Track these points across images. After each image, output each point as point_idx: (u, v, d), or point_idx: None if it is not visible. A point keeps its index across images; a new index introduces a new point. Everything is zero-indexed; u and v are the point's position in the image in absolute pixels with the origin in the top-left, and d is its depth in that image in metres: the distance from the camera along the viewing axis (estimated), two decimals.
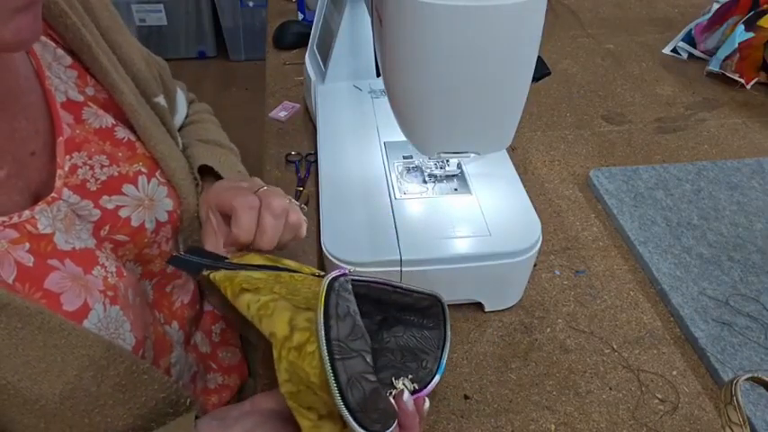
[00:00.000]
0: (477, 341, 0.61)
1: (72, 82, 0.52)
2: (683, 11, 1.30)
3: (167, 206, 0.57)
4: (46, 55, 0.50)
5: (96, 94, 0.54)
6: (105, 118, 0.53)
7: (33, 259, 0.44)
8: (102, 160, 0.52)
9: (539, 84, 1.05)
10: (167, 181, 0.57)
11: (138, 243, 0.54)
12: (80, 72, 0.53)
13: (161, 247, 0.57)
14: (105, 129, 0.53)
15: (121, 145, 0.54)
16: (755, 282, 0.66)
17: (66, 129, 0.50)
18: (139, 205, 0.54)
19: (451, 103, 0.53)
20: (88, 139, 0.51)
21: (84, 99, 0.52)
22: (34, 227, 0.45)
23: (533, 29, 0.49)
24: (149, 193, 0.55)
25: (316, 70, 0.89)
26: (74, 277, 0.46)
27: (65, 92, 0.51)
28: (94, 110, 0.53)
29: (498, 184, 0.67)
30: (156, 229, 0.55)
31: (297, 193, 0.78)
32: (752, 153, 0.89)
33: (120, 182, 0.53)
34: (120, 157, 0.54)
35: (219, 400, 0.67)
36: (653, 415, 0.55)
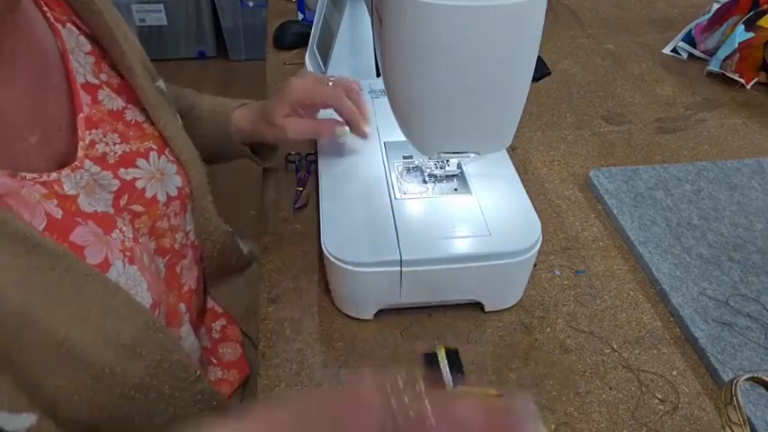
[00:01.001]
0: (477, 341, 0.61)
1: (89, 67, 0.57)
2: (683, 11, 1.30)
3: (177, 182, 0.61)
4: (70, 40, 0.55)
5: (110, 79, 0.59)
6: (117, 101, 0.58)
7: (62, 213, 0.48)
8: (114, 138, 0.56)
9: (539, 84, 1.05)
10: (176, 159, 0.61)
11: (151, 215, 0.58)
12: (97, 58, 0.58)
13: (170, 221, 0.60)
14: (117, 111, 0.58)
15: (131, 126, 0.58)
16: (755, 282, 0.66)
17: (85, 107, 0.54)
18: (152, 178, 0.58)
19: (452, 103, 0.54)
20: (103, 118, 0.56)
21: (99, 82, 0.57)
22: (60, 188, 0.49)
23: (533, 29, 0.49)
24: (160, 167, 0.59)
25: (316, 70, 0.89)
26: (96, 234, 0.49)
27: (84, 75, 0.55)
28: (108, 92, 0.57)
29: (498, 184, 0.67)
30: (166, 202, 0.59)
31: (297, 193, 0.78)
32: (752, 153, 0.89)
33: (134, 156, 0.57)
34: (130, 136, 0.58)
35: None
36: (653, 415, 0.55)
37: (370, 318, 0.63)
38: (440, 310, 0.64)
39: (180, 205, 0.61)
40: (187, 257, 0.64)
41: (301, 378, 0.57)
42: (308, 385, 0.57)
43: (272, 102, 0.71)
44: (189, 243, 0.65)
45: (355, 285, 0.60)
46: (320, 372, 0.58)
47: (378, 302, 0.62)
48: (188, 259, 0.65)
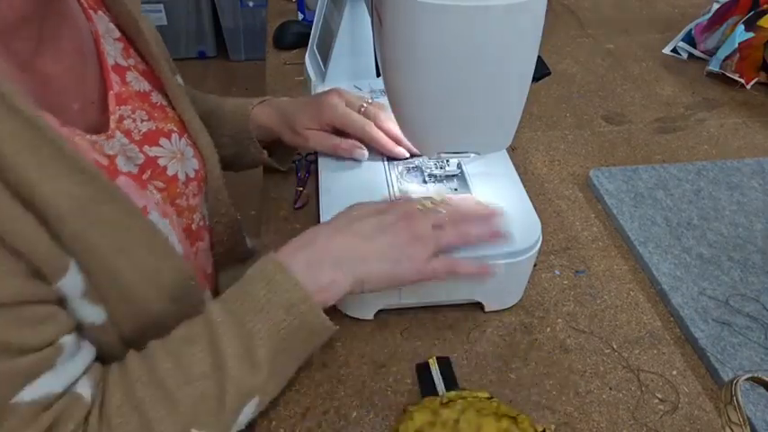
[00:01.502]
0: (477, 341, 0.61)
1: (119, 51, 0.61)
2: (683, 11, 1.30)
3: (194, 165, 0.65)
4: (101, 25, 0.59)
5: (136, 64, 0.62)
6: (144, 83, 0.62)
7: (107, 162, 0.53)
8: (142, 115, 0.60)
9: (539, 84, 1.05)
10: (193, 143, 0.65)
11: (171, 192, 0.61)
12: (125, 45, 0.62)
13: (188, 201, 0.63)
14: (143, 92, 0.61)
15: (156, 107, 0.62)
16: (755, 282, 0.66)
17: (115, 86, 0.58)
18: (173, 157, 0.61)
19: (451, 103, 0.54)
20: (131, 97, 0.59)
21: (128, 65, 0.61)
22: (101, 148, 0.53)
23: (533, 29, 0.49)
24: (180, 148, 0.63)
25: (316, 70, 0.89)
26: (135, 186, 0.55)
27: (114, 57, 0.59)
28: (135, 75, 0.61)
29: (498, 184, 0.67)
30: (185, 182, 0.63)
31: (297, 193, 0.78)
32: (752, 153, 0.89)
33: (158, 135, 0.60)
34: (155, 116, 0.61)
35: None
36: (653, 415, 0.55)
37: (370, 318, 0.63)
38: (440, 310, 0.64)
39: (197, 187, 0.65)
40: (204, 240, 0.67)
41: (301, 378, 0.57)
42: (308, 386, 0.57)
43: (298, 108, 0.73)
44: (204, 226, 0.67)
45: None
46: (320, 372, 0.58)
47: (378, 302, 0.62)
48: (205, 242, 0.67)
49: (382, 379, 0.58)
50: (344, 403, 0.56)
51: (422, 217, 0.56)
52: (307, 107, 0.72)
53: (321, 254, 0.52)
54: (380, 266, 0.54)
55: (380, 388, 0.57)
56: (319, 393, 0.56)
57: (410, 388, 0.57)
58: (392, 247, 0.54)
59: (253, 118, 0.76)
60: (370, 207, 0.57)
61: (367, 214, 0.56)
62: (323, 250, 0.52)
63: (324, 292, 0.51)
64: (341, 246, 0.53)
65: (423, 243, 0.54)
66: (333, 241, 0.53)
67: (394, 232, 0.54)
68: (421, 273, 0.54)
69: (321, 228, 0.55)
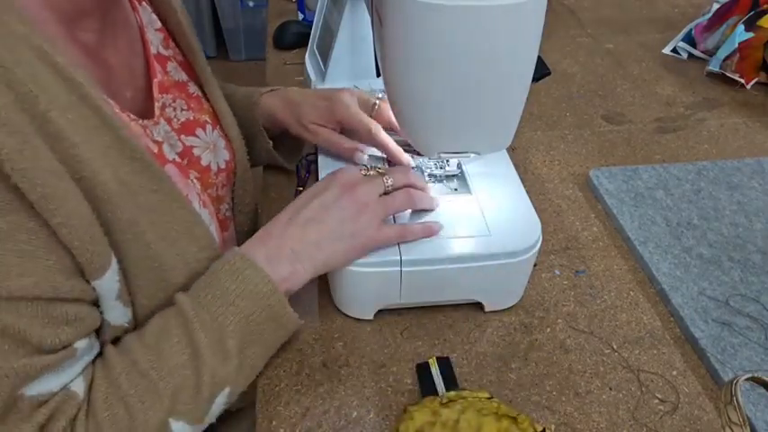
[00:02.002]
0: (477, 341, 0.61)
1: (160, 41, 0.63)
2: (683, 11, 1.30)
3: (225, 156, 0.67)
4: (144, 15, 0.62)
5: (175, 55, 0.64)
6: (182, 74, 0.64)
7: (157, 149, 0.54)
8: (181, 104, 0.62)
9: (539, 84, 1.05)
10: (224, 135, 0.67)
11: (204, 181, 0.62)
12: (165, 36, 0.64)
13: (218, 191, 0.66)
14: (182, 82, 0.64)
15: (192, 98, 0.64)
16: (755, 282, 0.66)
17: (158, 74, 0.60)
18: (207, 148, 0.64)
19: (451, 103, 0.54)
20: (172, 86, 0.62)
21: (168, 55, 0.63)
22: (151, 133, 0.55)
23: (533, 29, 0.49)
24: (213, 139, 0.65)
25: (316, 70, 0.89)
26: (179, 175, 0.56)
27: (156, 46, 0.62)
28: (175, 65, 0.63)
29: (498, 184, 0.67)
30: (217, 172, 0.65)
31: (297, 193, 0.78)
32: (752, 153, 0.89)
33: (194, 125, 0.63)
34: (192, 106, 0.63)
35: None
36: (653, 415, 0.55)
37: (370, 318, 0.63)
38: (440, 310, 0.64)
39: (226, 177, 0.67)
40: (228, 230, 0.68)
41: (301, 378, 0.57)
42: (308, 385, 0.57)
43: (309, 102, 0.72)
44: (231, 216, 0.69)
45: (355, 285, 0.60)
46: (320, 372, 0.58)
47: (378, 302, 0.62)
48: (229, 232, 0.69)
49: (382, 379, 0.58)
50: (344, 403, 0.56)
51: (364, 184, 0.57)
52: (318, 102, 0.71)
53: (278, 247, 0.54)
54: (335, 246, 0.55)
55: (380, 388, 0.57)
56: (319, 393, 0.56)
57: (410, 388, 0.57)
58: (341, 222, 0.55)
59: (261, 106, 0.76)
60: (312, 189, 0.58)
61: (311, 197, 0.57)
62: (279, 244, 0.54)
63: (285, 282, 0.53)
64: (293, 236, 0.55)
65: (371, 211, 0.56)
66: (286, 233, 0.55)
67: (339, 207, 0.56)
68: (375, 241, 0.57)
69: (274, 222, 0.56)
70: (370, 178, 0.59)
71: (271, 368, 0.58)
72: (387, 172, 0.60)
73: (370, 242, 0.56)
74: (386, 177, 0.59)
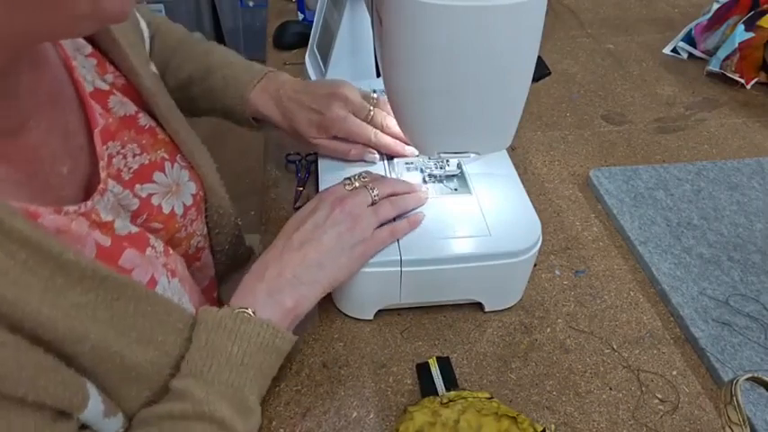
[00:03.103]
0: (477, 341, 0.61)
1: (93, 71, 0.54)
2: (683, 11, 1.30)
3: (191, 189, 0.60)
4: (68, 45, 0.52)
5: (115, 80, 0.56)
6: (128, 105, 0.55)
7: (109, 240, 0.47)
8: (134, 149, 0.54)
9: (539, 84, 1.05)
10: (188, 163, 0.61)
11: (169, 229, 0.57)
12: (99, 60, 0.55)
13: (187, 230, 0.60)
14: (129, 116, 0.55)
15: (144, 132, 0.56)
16: (755, 282, 0.66)
17: (99, 119, 0.51)
18: (168, 192, 0.57)
19: (451, 103, 0.54)
20: (118, 128, 0.53)
21: (109, 87, 0.54)
22: (98, 216, 0.47)
23: (533, 29, 0.49)
24: (174, 177, 0.58)
25: (316, 70, 0.89)
26: (138, 255, 0.49)
27: (92, 81, 0.53)
28: (119, 97, 0.55)
29: (498, 184, 0.67)
30: (183, 214, 0.59)
31: (297, 193, 0.78)
32: (752, 153, 0.89)
33: (150, 170, 0.55)
34: (144, 144, 0.56)
35: None
36: (653, 415, 0.55)
37: (370, 318, 0.63)
38: (440, 310, 0.64)
39: (196, 211, 0.61)
40: (201, 259, 0.65)
41: (301, 378, 0.57)
42: (308, 385, 0.57)
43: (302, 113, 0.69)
44: (205, 244, 0.65)
45: (355, 285, 0.60)
46: (320, 372, 0.58)
47: (378, 302, 0.62)
48: (202, 261, 0.65)
49: (382, 379, 0.58)
50: (344, 403, 0.56)
51: (354, 197, 0.58)
52: (312, 116, 0.69)
53: (277, 277, 0.53)
54: (338, 262, 0.55)
55: (380, 388, 0.57)
56: (319, 393, 0.56)
57: (410, 388, 0.57)
58: (339, 238, 0.55)
59: (251, 103, 0.72)
60: (300, 213, 0.58)
61: (301, 221, 0.57)
62: (278, 273, 0.53)
63: (292, 312, 0.52)
64: (292, 261, 0.53)
65: (364, 221, 0.57)
66: (283, 263, 0.53)
67: (333, 223, 0.56)
68: (372, 247, 0.57)
69: (266, 257, 0.55)
70: (357, 191, 0.59)
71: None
72: (371, 181, 0.60)
73: (369, 249, 0.57)
74: (370, 187, 0.59)
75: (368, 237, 0.56)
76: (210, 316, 0.49)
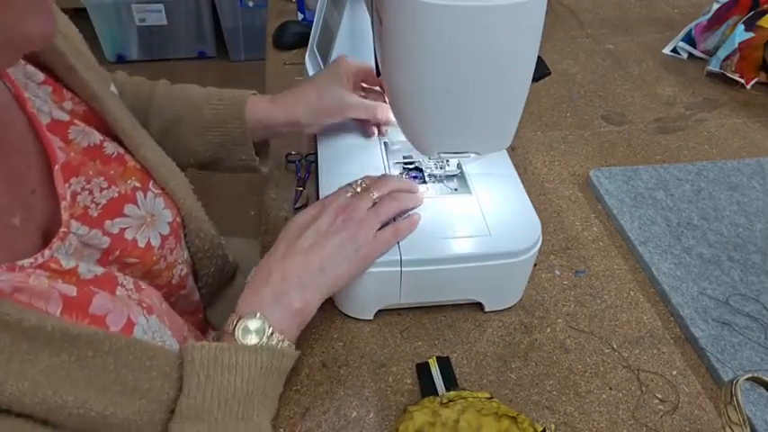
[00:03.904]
0: (477, 341, 0.61)
1: (50, 99, 0.49)
2: (683, 11, 1.30)
3: (167, 218, 0.57)
4: (18, 75, 0.47)
5: (75, 107, 0.52)
6: (92, 134, 0.51)
7: (76, 289, 0.43)
8: (100, 183, 0.50)
9: (539, 84, 1.05)
10: (161, 190, 0.57)
11: (146, 263, 0.54)
12: (54, 87, 0.50)
13: (167, 260, 0.57)
14: (94, 146, 0.51)
15: (111, 161, 0.52)
16: (755, 282, 0.66)
17: (60, 154, 0.47)
18: (142, 224, 0.54)
19: (451, 103, 0.53)
20: (82, 161, 0.49)
21: (69, 117, 0.50)
22: (59, 264, 0.44)
23: (533, 29, 0.49)
24: (148, 208, 0.55)
25: (316, 70, 0.89)
26: (109, 299, 0.46)
27: (48, 112, 0.48)
28: (81, 127, 0.50)
29: (498, 184, 0.67)
30: (161, 245, 0.56)
31: (297, 193, 0.78)
32: (752, 153, 0.89)
33: (121, 203, 0.52)
34: (112, 175, 0.52)
35: None
36: (653, 415, 0.55)
37: (370, 318, 0.63)
38: (440, 310, 0.64)
39: (174, 240, 0.58)
40: (186, 287, 0.63)
41: (301, 378, 0.57)
42: (308, 386, 0.57)
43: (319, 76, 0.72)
44: (188, 272, 0.63)
45: (355, 285, 0.59)
46: (320, 372, 0.58)
47: (378, 302, 0.62)
48: (186, 288, 0.63)
49: (382, 379, 0.58)
50: (344, 403, 0.56)
51: (355, 202, 0.58)
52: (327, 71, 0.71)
53: (282, 283, 0.52)
54: (340, 267, 0.55)
55: (380, 388, 0.57)
56: (319, 393, 0.56)
57: (410, 388, 0.57)
58: (342, 243, 0.55)
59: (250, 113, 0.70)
60: (303, 218, 0.57)
61: (303, 227, 0.56)
62: (282, 280, 0.52)
63: (300, 313, 0.53)
64: (295, 268, 0.53)
65: (366, 224, 0.56)
66: (286, 268, 0.53)
67: (336, 229, 0.56)
68: (376, 250, 0.57)
69: (269, 261, 0.54)
70: (358, 196, 0.59)
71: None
72: (370, 185, 0.60)
73: (372, 253, 0.57)
74: (371, 191, 0.59)
75: (370, 240, 0.56)
76: (202, 353, 0.47)
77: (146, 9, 2.63)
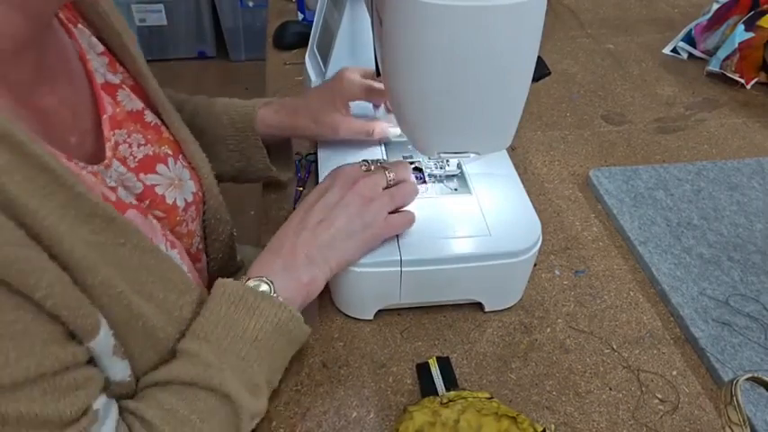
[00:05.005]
0: (477, 341, 0.61)
1: (105, 67, 0.56)
2: (683, 11, 1.30)
3: (191, 188, 0.61)
4: (83, 40, 0.54)
5: (125, 79, 0.58)
6: (136, 101, 0.57)
7: (114, 196, 0.49)
8: (138, 139, 0.56)
9: (539, 84, 1.05)
10: (189, 164, 0.62)
11: (171, 220, 0.58)
12: (110, 59, 0.57)
13: (188, 226, 0.61)
14: (136, 111, 0.57)
15: (150, 128, 0.58)
16: (755, 282, 0.66)
17: (108, 108, 0.54)
18: (171, 184, 0.58)
19: (451, 103, 0.53)
20: (125, 119, 0.55)
21: (118, 82, 0.56)
22: (103, 179, 0.49)
23: (533, 29, 0.49)
24: (177, 173, 0.59)
25: (316, 70, 0.89)
26: (141, 217, 0.51)
27: (103, 74, 0.55)
28: (127, 92, 0.57)
29: (498, 184, 0.67)
30: (185, 208, 0.59)
31: (297, 193, 0.78)
32: (752, 153, 0.89)
33: (155, 161, 0.57)
34: (150, 138, 0.57)
35: None
36: (653, 415, 0.55)
37: (370, 318, 0.63)
38: (440, 310, 0.64)
39: (195, 211, 0.62)
40: (201, 261, 0.65)
41: (301, 378, 0.57)
42: (308, 385, 0.57)
43: (317, 97, 0.72)
44: (203, 248, 0.65)
45: (355, 285, 0.60)
46: (320, 372, 0.58)
47: (378, 302, 0.62)
48: (201, 263, 0.65)
49: (382, 379, 0.58)
50: (344, 403, 0.56)
51: (367, 178, 0.58)
52: (324, 93, 0.71)
53: (293, 255, 0.54)
54: (347, 244, 0.55)
55: (380, 388, 0.57)
56: (319, 393, 0.56)
57: (410, 388, 0.57)
58: (349, 220, 0.55)
59: (260, 120, 0.73)
60: (316, 191, 0.58)
61: (314, 201, 0.57)
62: (293, 251, 0.54)
63: (306, 287, 0.53)
64: (306, 241, 0.54)
65: (377, 205, 0.57)
66: (297, 241, 0.54)
67: (344, 206, 0.56)
68: (384, 233, 0.57)
69: (281, 234, 0.56)
70: (372, 173, 0.59)
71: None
72: (388, 167, 0.60)
73: (381, 232, 0.57)
74: (388, 172, 0.59)
75: (380, 220, 0.56)
76: (232, 288, 0.50)
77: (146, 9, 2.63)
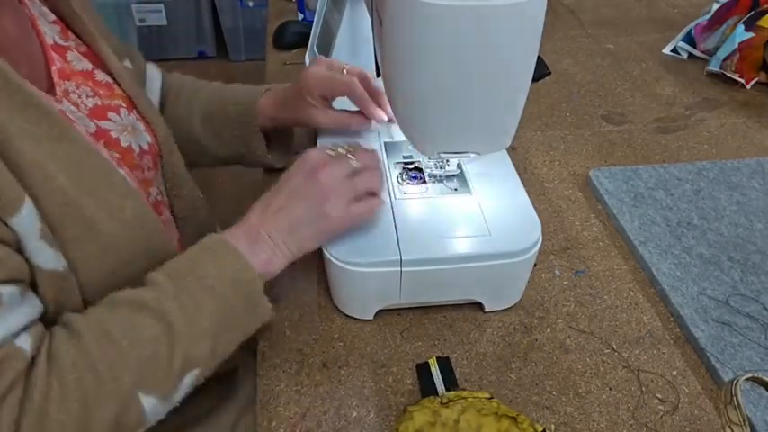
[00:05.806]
0: (477, 341, 0.61)
1: (56, 33, 0.60)
2: (683, 11, 1.30)
3: (147, 139, 0.64)
4: (34, 9, 0.58)
5: (77, 46, 0.61)
6: (85, 63, 0.61)
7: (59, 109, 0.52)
8: (87, 91, 0.59)
9: (539, 84, 1.05)
10: (143, 118, 0.64)
11: (127, 161, 0.59)
12: (62, 27, 0.61)
13: (144, 174, 0.62)
14: (86, 71, 0.60)
15: (100, 85, 0.61)
16: (755, 282, 0.66)
17: (57, 62, 0.57)
18: (124, 130, 0.60)
19: (451, 103, 0.53)
20: (74, 74, 0.59)
21: (68, 45, 0.60)
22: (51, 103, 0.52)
23: (533, 29, 0.49)
24: (130, 122, 0.62)
25: None
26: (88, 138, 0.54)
27: (52, 37, 0.59)
28: (77, 54, 0.60)
29: (498, 184, 0.67)
30: (140, 154, 0.62)
31: None
32: (752, 153, 0.89)
33: (105, 110, 0.59)
34: (101, 93, 0.60)
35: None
36: (653, 415, 0.55)
37: (370, 318, 0.63)
38: (440, 310, 0.64)
39: (152, 161, 0.63)
40: (163, 214, 0.66)
41: (301, 378, 0.57)
42: (308, 385, 0.57)
43: (292, 92, 0.73)
44: (163, 200, 0.66)
45: (355, 285, 0.60)
46: (320, 372, 0.58)
47: (378, 302, 0.62)
48: (164, 215, 0.66)
49: (382, 379, 0.58)
50: (344, 403, 0.56)
51: (329, 167, 0.57)
52: (296, 88, 0.72)
53: (257, 234, 0.55)
54: (308, 230, 0.56)
55: (380, 388, 0.57)
56: (319, 393, 0.56)
57: (410, 388, 0.57)
58: (309, 208, 0.56)
59: (260, 111, 0.75)
60: (284, 175, 0.59)
61: (282, 184, 0.58)
62: (257, 230, 0.55)
63: (266, 265, 0.54)
64: (268, 224, 0.55)
65: (338, 193, 0.56)
66: (262, 220, 0.56)
67: (306, 193, 0.56)
68: (346, 221, 0.57)
69: (252, 211, 0.57)
70: (336, 160, 0.58)
71: (271, 368, 0.58)
72: (354, 153, 0.59)
73: (341, 222, 0.57)
74: (354, 160, 0.59)
75: (339, 211, 0.56)
76: (211, 238, 0.53)
77: (146, 9, 2.62)
